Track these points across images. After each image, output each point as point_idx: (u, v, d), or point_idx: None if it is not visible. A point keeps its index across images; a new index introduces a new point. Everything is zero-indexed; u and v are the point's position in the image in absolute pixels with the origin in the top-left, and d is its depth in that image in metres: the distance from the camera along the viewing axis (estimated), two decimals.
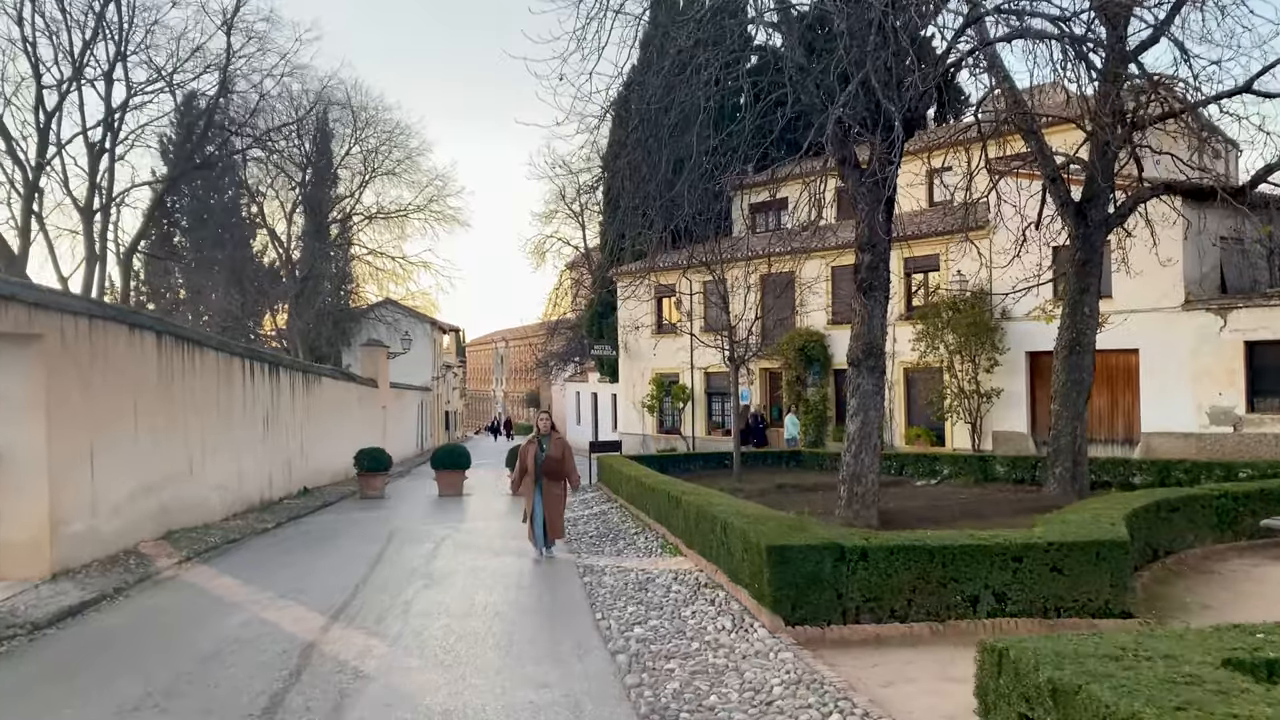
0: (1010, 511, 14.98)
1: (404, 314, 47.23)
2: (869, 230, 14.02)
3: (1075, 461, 16.00)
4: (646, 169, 13.29)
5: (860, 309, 14.17)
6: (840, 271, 29.46)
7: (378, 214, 41.48)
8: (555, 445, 11.79)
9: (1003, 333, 25.49)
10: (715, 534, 8.87)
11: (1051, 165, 17.05)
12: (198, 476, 15.04)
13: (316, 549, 12.97)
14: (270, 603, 8.96)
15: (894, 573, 6.79)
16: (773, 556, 6.75)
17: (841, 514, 13.81)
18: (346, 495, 21.71)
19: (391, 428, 35.51)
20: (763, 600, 7.01)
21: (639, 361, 36.33)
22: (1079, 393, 16.25)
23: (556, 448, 11.74)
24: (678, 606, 8.07)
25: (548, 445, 11.71)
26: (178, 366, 14.41)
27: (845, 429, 14.39)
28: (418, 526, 15.34)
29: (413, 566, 11.09)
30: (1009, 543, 6.91)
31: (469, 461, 22.09)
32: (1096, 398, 24.65)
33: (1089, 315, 16.48)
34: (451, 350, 67.71)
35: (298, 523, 16.57)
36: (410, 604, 8.82)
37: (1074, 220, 16.66)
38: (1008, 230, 19.35)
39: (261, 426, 18.97)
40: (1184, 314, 22.41)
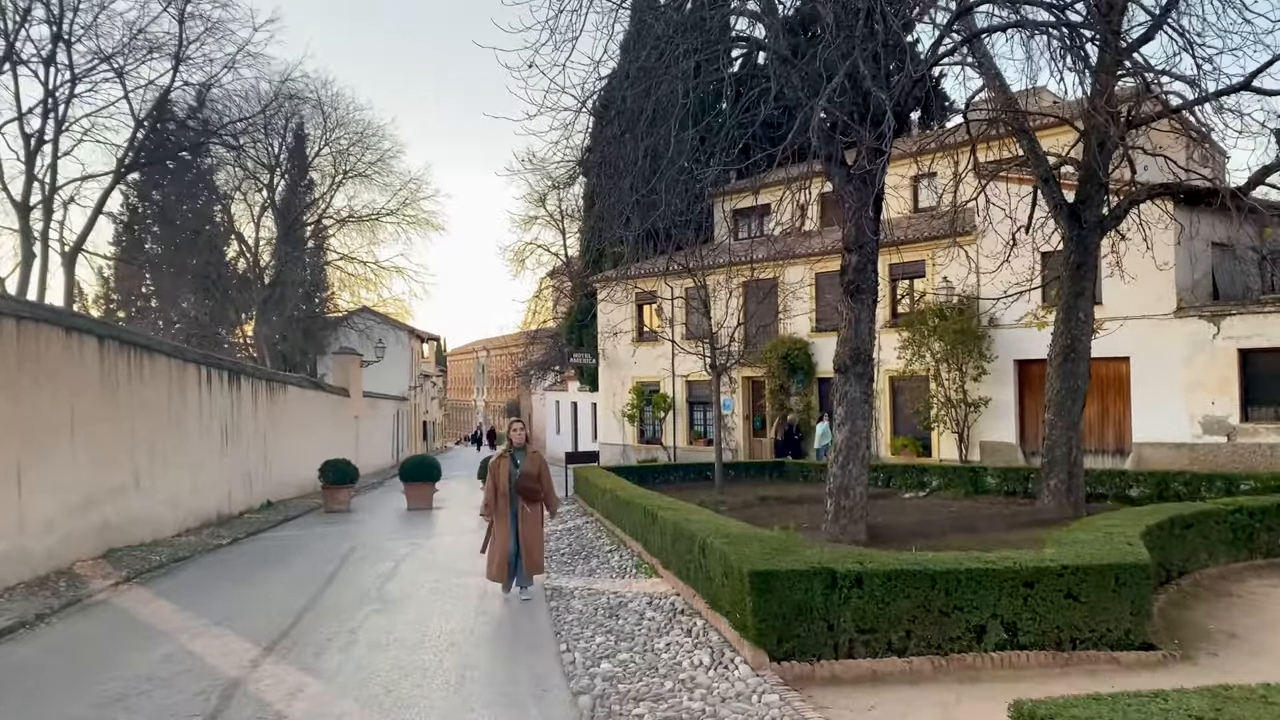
0: (1004, 526, 14.29)
1: (379, 322, 46.26)
2: (856, 230, 13.34)
3: (1070, 474, 15.32)
4: (622, 164, 12.55)
5: (847, 313, 13.46)
6: (825, 277, 28.83)
7: (349, 218, 40.45)
8: (530, 461, 9.95)
9: (990, 340, 24.88)
10: (693, 555, 8.09)
11: (1044, 165, 16.42)
12: (146, 490, 14.15)
13: (267, 568, 12.12)
14: (203, 631, 8.13)
15: (892, 601, 6.04)
16: (756, 583, 5.98)
17: (828, 529, 13.09)
18: (312, 509, 20.82)
19: (364, 438, 34.59)
20: (745, 632, 6.24)
21: (619, 370, 35.56)
22: (1074, 401, 15.59)
23: (532, 464, 9.91)
24: (651, 637, 7.28)
25: (522, 460, 9.90)
26: (124, 373, 13.53)
27: (832, 440, 13.66)
28: (380, 542, 14.50)
29: (366, 588, 10.26)
30: (1019, 566, 6.16)
31: (439, 473, 21.24)
32: (1087, 407, 24.03)
33: (1084, 320, 15.83)
34: (431, 359, 66.77)
35: (255, 539, 15.68)
36: (357, 632, 8.00)
37: (1068, 222, 16.03)
38: (997, 234, 18.71)
39: (220, 437, 18.07)
40: (1176, 321, 21.86)
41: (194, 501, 16.33)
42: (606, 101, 13.38)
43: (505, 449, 10.07)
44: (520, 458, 9.93)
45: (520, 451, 10.01)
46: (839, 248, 27.72)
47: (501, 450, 10.13)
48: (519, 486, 9.69)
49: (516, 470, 9.78)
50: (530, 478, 9.76)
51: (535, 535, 9.83)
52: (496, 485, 9.79)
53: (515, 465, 9.83)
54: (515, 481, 9.70)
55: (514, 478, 9.73)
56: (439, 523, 17.91)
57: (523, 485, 9.70)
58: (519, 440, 10.05)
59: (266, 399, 21.57)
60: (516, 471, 9.77)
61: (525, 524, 9.72)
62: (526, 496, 9.73)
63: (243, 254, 37.91)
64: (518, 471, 9.77)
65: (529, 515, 9.76)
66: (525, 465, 9.83)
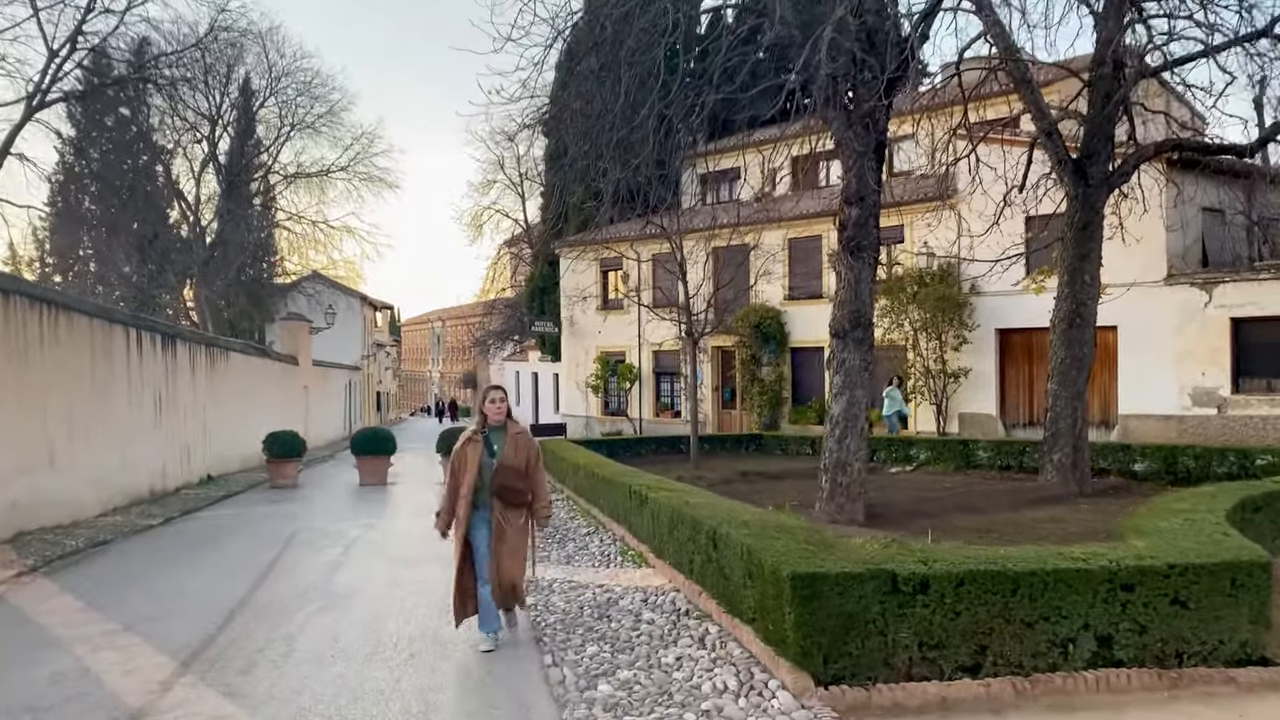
0: (1009, 504, 13.30)
1: (329, 287, 44.32)
2: (858, 180, 12.13)
3: (1076, 448, 14.34)
4: (601, 101, 11.18)
5: (846, 272, 12.28)
6: (798, 243, 27.71)
7: (297, 174, 38.25)
8: (515, 446, 6.66)
9: (972, 309, 23.94)
10: (700, 546, 6.85)
11: (1047, 118, 15.31)
12: (63, 467, 12.62)
13: (197, 554, 10.70)
14: (109, 639, 6.75)
15: (965, 609, 4.85)
16: (799, 590, 4.75)
17: (823, 508, 11.98)
18: (256, 484, 19.31)
19: (314, 409, 32.95)
20: (782, 649, 5.02)
21: (583, 339, 34.21)
22: (1079, 370, 14.60)
23: (517, 449, 6.66)
24: (654, 647, 6.04)
25: (501, 446, 6.62)
26: (35, 334, 11.97)
27: (828, 410, 12.51)
28: (327, 524, 13.10)
29: (310, 581, 8.90)
30: (1118, 566, 5.00)
31: (394, 446, 19.80)
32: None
33: (1089, 284, 14.83)
34: (384, 329, 64.85)
35: (190, 518, 14.21)
36: (296, 640, 6.67)
37: (1072, 179, 14.96)
38: (988, 197, 17.61)
39: (153, 407, 16.50)
40: (1166, 289, 21.02)
41: (122, 478, 14.79)
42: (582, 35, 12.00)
43: (476, 429, 6.73)
44: (499, 441, 6.62)
45: (498, 432, 6.67)
46: (813, 212, 26.83)
47: (471, 430, 6.77)
48: (496, 485, 6.51)
49: (493, 460, 6.55)
50: (513, 473, 6.56)
51: (517, 556, 6.62)
52: (460, 482, 6.59)
53: (491, 453, 6.59)
54: (491, 478, 6.53)
55: (488, 471, 6.55)
56: (394, 501, 16.54)
57: (501, 483, 6.51)
58: (498, 417, 6.67)
59: (206, 366, 19.95)
60: (493, 462, 6.54)
61: (504, 540, 6.52)
62: (506, 499, 6.54)
63: (183, 213, 35.75)
64: (495, 462, 6.54)
65: (509, 528, 6.56)
66: (506, 453, 6.57)
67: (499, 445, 6.61)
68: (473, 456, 6.60)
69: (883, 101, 12.04)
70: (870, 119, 12.10)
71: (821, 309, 27.34)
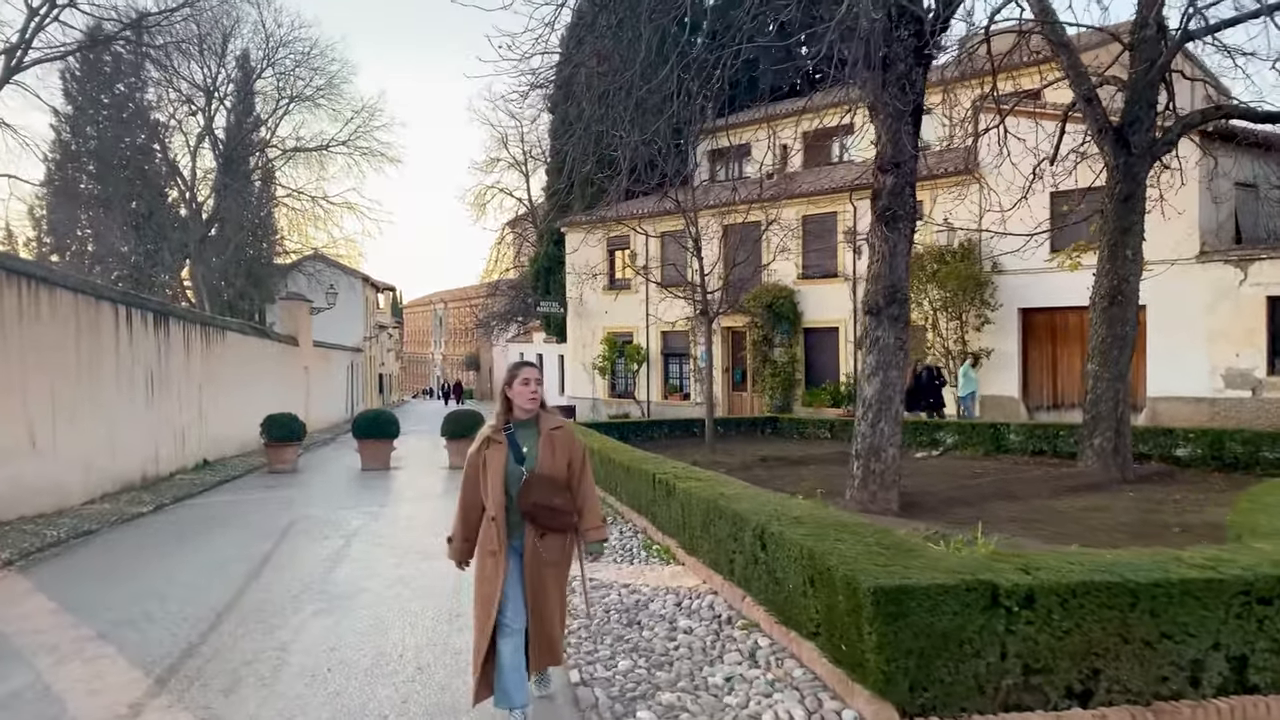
0: (1049, 492, 12.56)
1: (330, 267, 43.47)
2: (893, 146, 11.31)
3: (1118, 431, 13.59)
4: (619, 58, 10.34)
5: (880, 244, 11.46)
6: (813, 220, 26.88)
7: (296, 149, 37.20)
8: (552, 447, 4.69)
9: (994, 287, 23.14)
10: (743, 546, 6.08)
11: (1087, 82, 14.49)
12: (45, 451, 11.88)
13: (187, 546, 9.96)
14: (80, 648, 6.01)
15: (1076, 626, 4.09)
16: (884, 606, 3.99)
17: (855, 496, 11.23)
18: (254, 468, 18.58)
19: (316, 391, 32.21)
20: (858, 673, 4.25)
21: (590, 320, 33.41)
22: (1121, 350, 13.83)
23: (555, 452, 4.68)
24: (698, 663, 5.28)
25: (533, 449, 4.67)
26: (13, 309, 11.19)
27: (859, 392, 11.75)
28: (328, 512, 12.36)
29: (307, 578, 8.14)
30: (1254, 576, 4.23)
31: (397, 429, 19.04)
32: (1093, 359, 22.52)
33: (1132, 259, 14.03)
34: (386, 310, 64.06)
35: (183, 505, 13.48)
36: (289, 649, 5.92)
37: (1114, 148, 14.15)
38: (1016, 169, 16.74)
39: (144, 388, 15.74)
40: (1198, 266, 20.22)
41: (111, 463, 14.06)
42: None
43: (498, 423, 4.72)
44: (529, 442, 4.64)
45: (528, 430, 4.68)
46: (827, 188, 25.99)
47: (490, 428, 4.75)
48: (528, 503, 4.52)
49: (522, 469, 4.57)
50: (551, 485, 4.57)
51: (556, 602, 4.66)
52: (480, 496, 4.64)
53: (520, 459, 4.59)
54: (520, 492, 4.54)
55: (516, 483, 4.56)
56: (397, 486, 15.80)
57: (535, 501, 4.52)
58: (529, 407, 4.67)
59: (202, 346, 19.18)
60: (522, 471, 4.57)
61: (540, 579, 4.57)
62: (542, 522, 4.55)
63: (179, 189, 34.86)
64: (525, 471, 4.57)
65: (547, 562, 4.60)
66: (541, 457, 4.60)
67: (530, 447, 4.54)
68: (495, 464, 4.50)
69: (921, 61, 11.26)
70: (907, 80, 11.29)
71: (836, 288, 26.65)
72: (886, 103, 11.18)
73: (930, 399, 21.08)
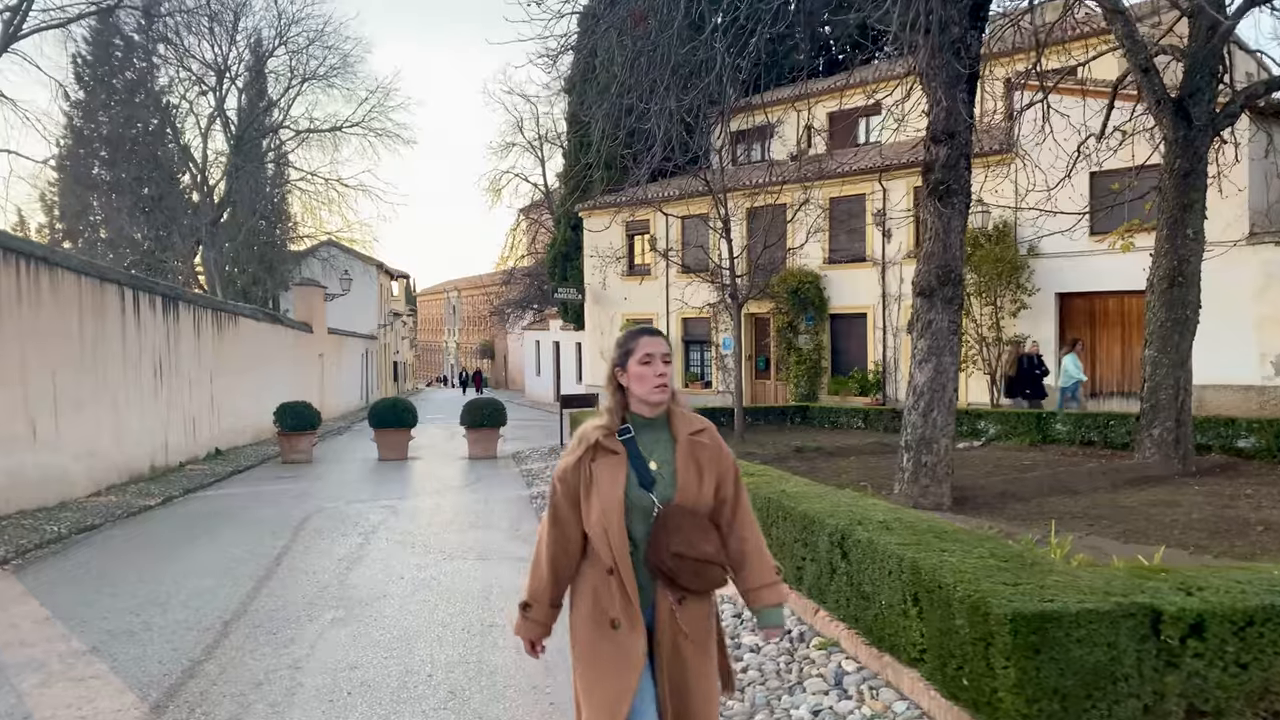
0: (1109, 485, 11.78)
1: (345, 253, 42.87)
2: (947, 115, 10.51)
3: (1179, 421, 12.78)
4: (656, 19, 9.61)
5: (933, 221, 10.70)
6: (839, 203, 26.05)
7: (310, 130, 36.44)
8: (695, 459, 2.85)
9: (1030, 271, 22.30)
10: (817, 552, 5.36)
11: (1143, 51, 13.64)
12: (47, 441, 11.27)
13: (195, 544, 9.32)
14: (71, 665, 5.36)
15: (1253, 660, 3.38)
16: (1025, 635, 3.28)
17: (905, 491, 10.50)
18: (267, 458, 17.99)
19: (330, 378, 31.64)
20: (989, 714, 3.53)
21: (608, 306, 32.69)
22: (1183, 335, 13.01)
23: (701, 468, 2.85)
24: (774, 690, 4.55)
25: (668, 462, 2.84)
26: (11, 291, 10.56)
27: (910, 380, 11.01)
28: (345, 506, 11.71)
29: (324, 579, 7.49)
30: None
31: (415, 419, 18.39)
32: (1138, 345, 21.68)
33: (1193, 239, 13.19)
34: (401, 298, 63.52)
35: (192, 498, 12.88)
36: (303, 666, 5.26)
37: (1173, 121, 13.30)
38: (1060, 147, 15.88)
39: (153, 375, 15.13)
40: (1248, 249, 19.34)
41: (117, 453, 13.46)
42: None
43: (609, 421, 2.90)
44: (661, 452, 2.87)
45: (656, 432, 2.90)
46: (856, 169, 25.16)
47: (597, 428, 2.91)
48: (664, 550, 2.75)
49: (651, 494, 2.79)
50: (696, 522, 2.80)
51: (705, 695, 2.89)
52: (578, 535, 2.91)
53: (647, 481, 2.81)
54: (652, 532, 2.79)
55: (642, 516, 2.80)
56: (416, 478, 15.15)
57: (678, 550, 2.73)
58: (658, 397, 2.88)
59: (214, 331, 18.57)
60: (651, 498, 2.79)
61: (680, 661, 2.85)
62: (684, 579, 2.78)
63: (191, 173, 34.26)
64: (654, 498, 2.79)
65: (689, 637, 2.85)
66: (681, 477, 2.82)
67: (662, 462, 2.84)
68: (609, 487, 2.79)
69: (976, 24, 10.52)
70: (961, 44, 10.52)
71: (865, 273, 25.84)
72: (939, 68, 10.42)
73: (1030, 388, 19.36)
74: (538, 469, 15.47)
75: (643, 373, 2.84)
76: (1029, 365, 19.44)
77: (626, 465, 2.81)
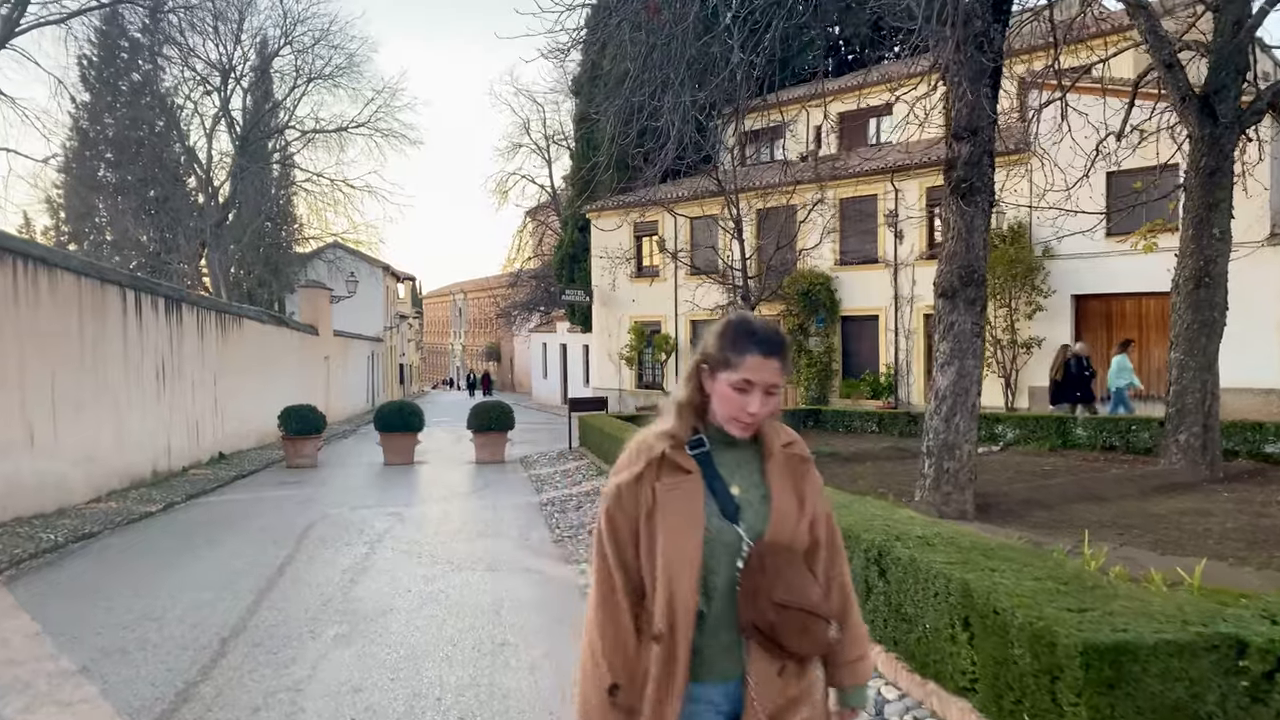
0: (1135, 492, 11.46)
1: (351, 255, 42.63)
2: (970, 110, 10.22)
3: (1206, 426, 12.44)
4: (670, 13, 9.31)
5: (955, 220, 10.40)
6: (850, 204, 25.71)
7: (315, 130, 36.16)
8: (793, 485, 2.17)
9: (1045, 273, 21.99)
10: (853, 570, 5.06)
11: (1167, 47, 13.32)
12: (44, 446, 10.98)
13: (195, 552, 9.02)
14: (58, 686, 5.06)
15: None
16: (1098, 668, 2.97)
17: (927, 498, 10.18)
18: (272, 462, 17.71)
19: (336, 381, 31.38)
20: None
21: (616, 308, 32.39)
22: (1210, 337, 12.67)
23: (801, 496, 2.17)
24: None
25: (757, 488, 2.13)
26: (7, 291, 10.28)
27: (931, 383, 10.69)
28: (349, 513, 11.41)
29: (327, 592, 7.18)
30: None
31: (422, 422, 18.09)
32: (1155, 348, 21.32)
33: (1220, 239, 12.85)
34: (407, 300, 63.30)
35: (193, 504, 12.59)
36: (304, 690, 4.95)
37: (1198, 118, 12.98)
38: (1077, 147, 15.56)
39: (155, 378, 14.85)
40: (1270, 250, 19.03)
41: (118, 458, 13.18)
42: None
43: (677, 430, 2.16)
44: (744, 476, 2.15)
45: (736, 448, 2.17)
46: (867, 170, 24.83)
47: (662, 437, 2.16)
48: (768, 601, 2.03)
49: (737, 528, 2.08)
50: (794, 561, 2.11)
51: None
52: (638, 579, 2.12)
53: (730, 511, 2.09)
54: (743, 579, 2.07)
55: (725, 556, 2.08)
56: (423, 483, 14.86)
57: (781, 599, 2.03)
58: (737, 433, 2.13)
59: (218, 334, 18.30)
60: (738, 531, 2.08)
61: None
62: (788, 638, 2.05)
63: (196, 174, 34.04)
64: (741, 532, 2.08)
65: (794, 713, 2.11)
66: (778, 506, 2.12)
67: (748, 483, 2.15)
68: (683, 517, 2.08)
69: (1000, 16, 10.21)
70: (984, 37, 10.21)
71: (877, 274, 25.49)
72: (963, 62, 10.11)
73: (1079, 391, 18.28)
74: (546, 474, 15.17)
75: (730, 397, 2.10)
76: (1078, 367, 18.26)
77: (703, 488, 2.09)
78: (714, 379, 2.13)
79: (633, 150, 13.36)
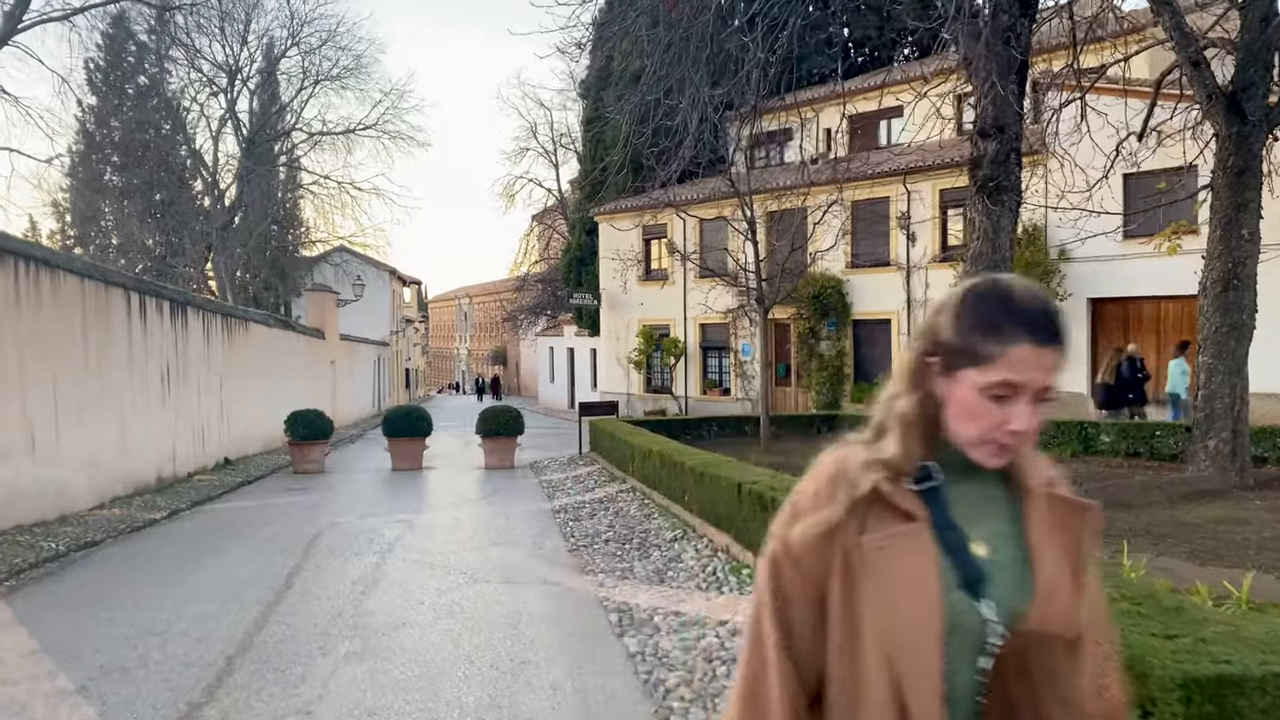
0: (1163, 500, 11.16)
1: (357, 259, 42.42)
2: (995, 108, 9.98)
3: (1235, 431, 12.13)
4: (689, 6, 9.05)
5: (980, 219, 10.14)
6: (862, 207, 25.41)
7: (322, 133, 35.96)
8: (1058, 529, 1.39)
9: (1061, 276, 21.66)
10: None
11: (1193, 44, 13.03)
12: (46, 452, 10.73)
13: (200, 562, 8.76)
14: (54, 709, 4.80)
15: None
16: (1199, 705, 2.67)
17: None
18: (278, 468, 17.45)
19: (342, 385, 31.14)
20: None
21: (624, 312, 32.12)
22: (1239, 340, 12.37)
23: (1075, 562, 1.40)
24: None
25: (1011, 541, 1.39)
26: (9, 295, 10.04)
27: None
28: (358, 521, 11.14)
29: (337, 605, 6.90)
30: None
31: (430, 427, 17.83)
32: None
33: (1248, 240, 12.56)
34: (413, 304, 63.11)
35: (198, 511, 12.33)
36: (315, 712, 4.66)
37: (1225, 116, 12.69)
38: (1096, 147, 15.27)
39: (160, 382, 14.61)
40: None
41: (122, 464, 12.93)
42: None
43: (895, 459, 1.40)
44: (990, 517, 1.41)
45: (980, 484, 1.42)
46: (881, 171, 24.54)
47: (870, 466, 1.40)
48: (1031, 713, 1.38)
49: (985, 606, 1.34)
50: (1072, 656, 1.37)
51: None
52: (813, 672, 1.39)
53: (974, 577, 1.35)
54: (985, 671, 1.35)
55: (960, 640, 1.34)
56: (432, 489, 14.60)
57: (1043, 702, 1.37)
58: (993, 463, 1.39)
59: (224, 337, 18.07)
60: (982, 612, 1.34)
61: None
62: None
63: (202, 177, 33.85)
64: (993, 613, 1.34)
65: None
66: (1045, 573, 1.36)
67: (998, 536, 1.40)
68: (909, 595, 1.33)
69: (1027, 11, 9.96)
70: (1011, 32, 9.95)
71: (889, 277, 25.18)
72: (989, 57, 9.84)
73: (1132, 394, 17.17)
74: (557, 480, 14.90)
75: (981, 408, 1.37)
76: (1131, 370, 17.13)
77: (933, 545, 1.37)
78: (952, 379, 1.40)
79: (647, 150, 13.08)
